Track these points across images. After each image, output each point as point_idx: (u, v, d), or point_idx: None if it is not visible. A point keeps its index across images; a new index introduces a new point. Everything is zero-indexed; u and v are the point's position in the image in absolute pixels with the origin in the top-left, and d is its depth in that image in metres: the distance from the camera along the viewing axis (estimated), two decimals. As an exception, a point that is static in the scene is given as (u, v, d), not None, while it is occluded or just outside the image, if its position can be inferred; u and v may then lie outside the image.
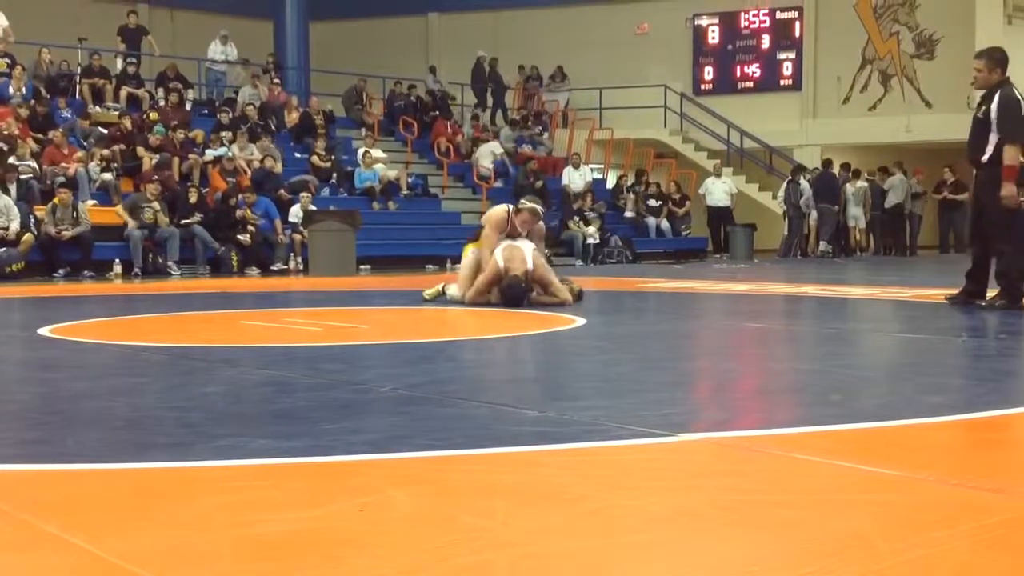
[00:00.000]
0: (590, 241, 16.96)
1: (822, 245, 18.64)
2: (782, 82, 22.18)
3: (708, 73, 22.75)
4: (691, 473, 2.59)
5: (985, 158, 6.98)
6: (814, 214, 18.88)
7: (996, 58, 7.10)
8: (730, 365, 4.94)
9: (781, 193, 19.38)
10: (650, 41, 22.58)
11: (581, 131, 21.11)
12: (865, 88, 21.57)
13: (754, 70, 22.46)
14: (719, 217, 19.50)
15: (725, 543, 1.98)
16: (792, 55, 22.08)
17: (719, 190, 19.49)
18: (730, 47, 22.56)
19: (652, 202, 19.12)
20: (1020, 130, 6.86)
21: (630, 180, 19.70)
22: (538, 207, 7.75)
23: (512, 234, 7.59)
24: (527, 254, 7.36)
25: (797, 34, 22.01)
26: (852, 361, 5.07)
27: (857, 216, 19.38)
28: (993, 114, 6.91)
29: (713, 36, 22.67)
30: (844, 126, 21.25)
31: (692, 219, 19.68)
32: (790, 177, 19.27)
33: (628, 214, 18.83)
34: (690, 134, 21.92)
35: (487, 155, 18.82)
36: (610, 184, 20.72)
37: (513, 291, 7.20)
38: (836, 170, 19.24)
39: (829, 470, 2.56)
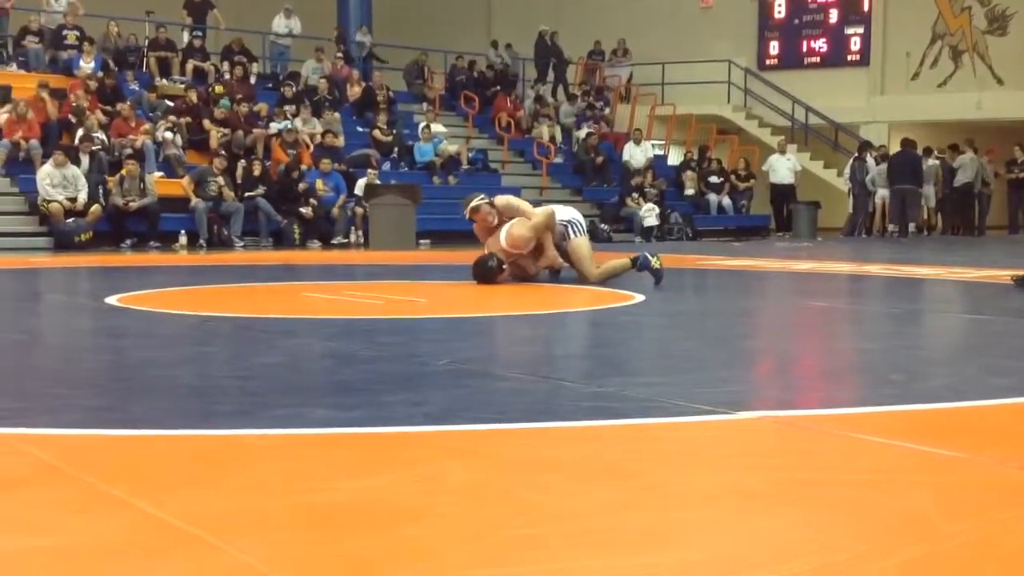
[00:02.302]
0: (649, 223, 16.82)
1: (911, 227, 18.09)
2: (849, 57, 21.78)
3: (774, 48, 22.41)
4: (749, 451, 2.57)
5: None
6: (880, 192, 18.52)
7: None
8: (791, 344, 4.89)
9: (847, 170, 19.06)
10: (715, 15, 22.30)
11: (643, 107, 20.94)
12: (935, 64, 21.11)
13: (821, 45, 22.08)
14: (782, 195, 19.24)
15: (782, 521, 1.97)
16: (860, 30, 21.66)
17: (783, 167, 19.21)
18: (797, 21, 22.19)
19: (713, 179, 18.93)
20: None
21: (694, 156, 19.51)
22: (474, 200, 7.56)
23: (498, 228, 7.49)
24: (501, 237, 7.33)
25: (866, 8, 21.58)
26: (916, 341, 4.99)
27: (928, 195, 18.99)
28: None
29: (779, 10, 22.31)
30: (912, 103, 20.83)
31: (754, 196, 19.45)
32: (856, 154, 18.95)
33: (688, 192, 18.68)
34: (754, 110, 21.63)
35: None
36: (671, 161, 20.55)
37: (477, 267, 7.25)
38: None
39: (890, 450, 2.52)
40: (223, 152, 14.09)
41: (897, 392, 3.37)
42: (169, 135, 14.41)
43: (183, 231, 13.19)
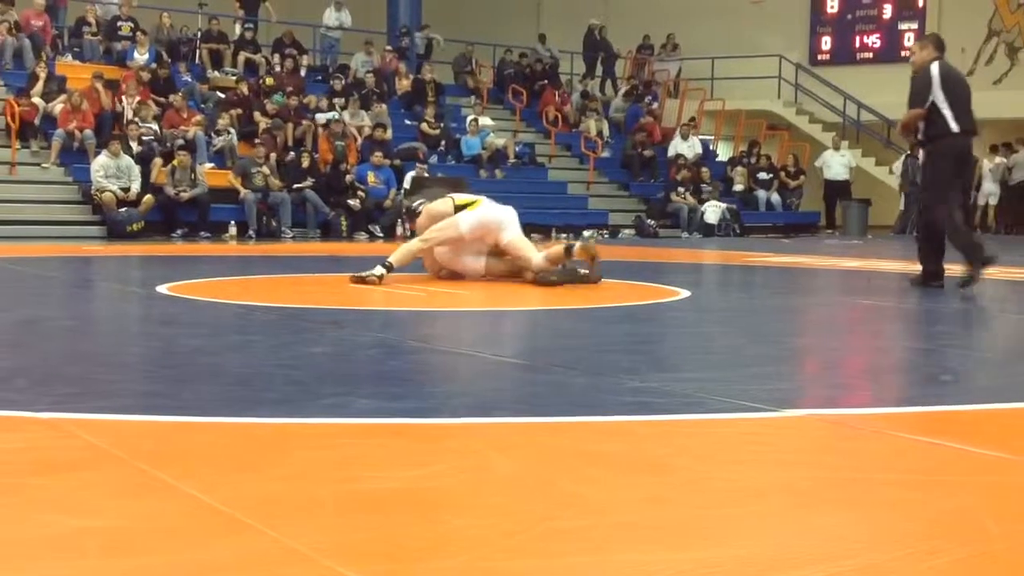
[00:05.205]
0: (710, 219, 16.73)
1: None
2: (903, 53, 21.42)
3: (826, 43, 22.16)
4: (793, 449, 2.56)
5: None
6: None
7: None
8: (837, 342, 4.85)
9: (898, 166, 18.82)
10: (766, 10, 22.09)
11: (692, 101, 20.81)
12: (991, 61, 20.77)
13: (874, 40, 21.81)
14: (836, 191, 19.03)
15: (828, 520, 1.95)
16: (915, 25, 21.35)
17: (838, 163, 19.01)
18: (850, 16, 21.93)
19: (762, 175, 18.77)
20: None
21: (745, 152, 19.37)
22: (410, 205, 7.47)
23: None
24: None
25: (920, 3, 21.27)
26: (965, 341, 4.92)
27: (992, 193, 18.72)
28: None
29: (832, 5, 22.06)
30: (967, 100, 20.48)
31: (804, 193, 19.26)
32: (908, 152, 18.70)
33: (737, 187, 18.54)
34: (804, 106, 21.41)
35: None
36: (721, 156, 20.41)
37: None
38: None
39: (938, 451, 2.50)
40: (258, 140, 14.17)
41: (946, 392, 3.33)
42: (229, 133, 14.52)
43: (233, 222, 13.32)
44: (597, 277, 6.63)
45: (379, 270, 6.62)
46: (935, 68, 6.97)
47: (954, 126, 6.85)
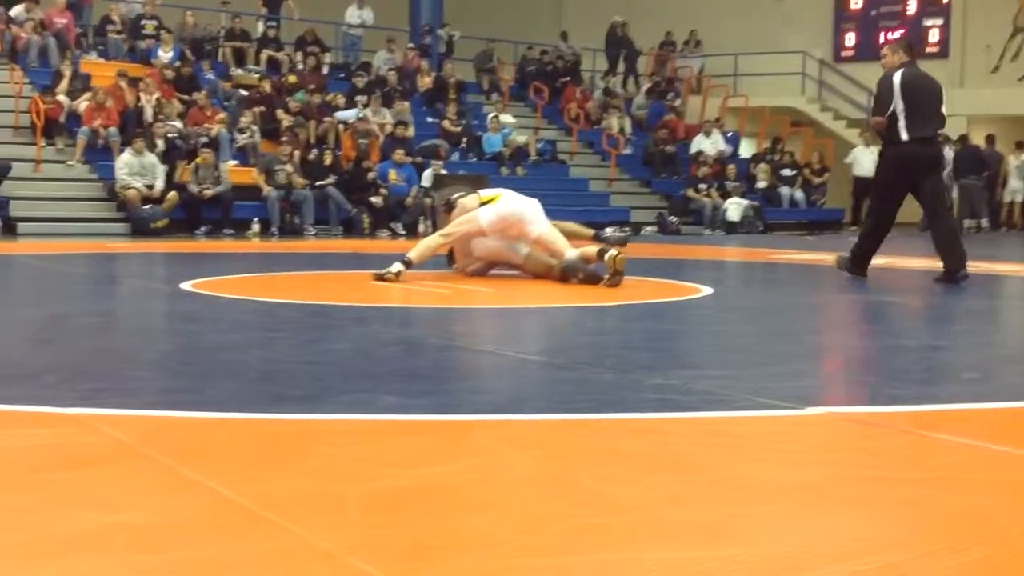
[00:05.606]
0: (730, 218, 16.68)
1: (976, 222, 17.86)
2: (928, 49, 21.30)
3: (850, 39, 22.04)
4: (816, 447, 2.55)
5: None
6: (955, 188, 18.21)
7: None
8: (860, 339, 4.83)
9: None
10: (789, 6, 21.99)
11: (715, 98, 20.74)
12: (1016, 57, 20.59)
13: (898, 36, 21.66)
14: (865, 188, 18.90)
15: (848, 518, 1.95)
16: (940, 21, 21.20)
17: (867, 160, 18.88)
18: (874, 12, 21.79)
19: (786, 171, 18.68)
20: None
21: (766, 146, 19.29)
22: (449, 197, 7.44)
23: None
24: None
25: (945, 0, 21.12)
26: (990, 339, 4.89)
27: (1017, 190, 18.60)
28: None
29: (856, 1, 21.93)
30: (993, 96, 20.33)
31: (829, 190, 19.15)
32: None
33: (760, 184, 18.47)
34: (828, 102, 21.31)
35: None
36: (744, 153, 20.35)
37: None
38: (982, 143, 18.44)
39: (959, 449, 2.49)
40: (285, 138, 14.24)
41: (970, 390, 3.32)
42: (252, 131, 14.59)
43: (256, 219, 13.39)
44: (615, 283, 6.51)
45: (397, 267, 6.64)
46: (897, 76, 7.10)
47: (904, 135, 6.94)
